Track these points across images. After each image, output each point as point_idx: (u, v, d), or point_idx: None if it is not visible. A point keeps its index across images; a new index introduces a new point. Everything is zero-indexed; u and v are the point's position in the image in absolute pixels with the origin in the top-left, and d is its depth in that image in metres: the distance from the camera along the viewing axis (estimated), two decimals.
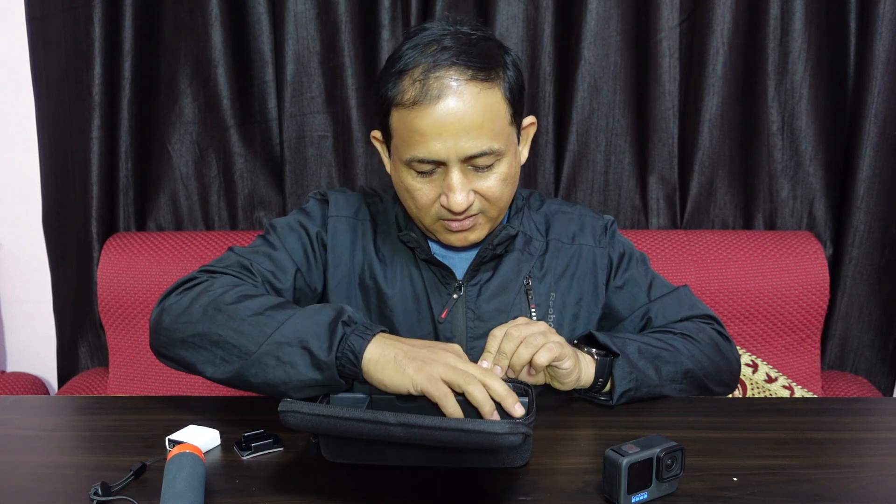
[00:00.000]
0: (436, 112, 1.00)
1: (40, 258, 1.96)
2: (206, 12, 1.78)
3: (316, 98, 1.83)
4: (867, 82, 1.70)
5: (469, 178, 1.05)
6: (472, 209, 1.07)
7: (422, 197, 1.07)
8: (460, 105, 1.00)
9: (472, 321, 1.14)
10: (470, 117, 1.00)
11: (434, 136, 1.01)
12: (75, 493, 0.83)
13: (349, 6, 1.77)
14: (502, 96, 1.04)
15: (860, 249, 1.78)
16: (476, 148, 1.02)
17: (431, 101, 1.00)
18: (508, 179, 1.08)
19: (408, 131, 1.03)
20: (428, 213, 1.08)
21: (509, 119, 1.06)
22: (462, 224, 1.08)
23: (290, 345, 0.91)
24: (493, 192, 1.06)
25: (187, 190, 1.91)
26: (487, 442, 0.74)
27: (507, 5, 1.75)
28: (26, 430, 1.02)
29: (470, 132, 1.01)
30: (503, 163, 1.06)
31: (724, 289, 1.69)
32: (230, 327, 0.95)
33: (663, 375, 1.07)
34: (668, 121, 1.79)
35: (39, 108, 1.88)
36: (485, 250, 1.14)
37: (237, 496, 0.82)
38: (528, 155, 1.91)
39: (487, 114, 1.02)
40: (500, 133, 1.04)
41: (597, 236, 1.22)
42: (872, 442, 0.95)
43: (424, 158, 1.03)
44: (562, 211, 1.25)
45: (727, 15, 1.72)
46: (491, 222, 1.11)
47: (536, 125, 1.18)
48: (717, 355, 1.15)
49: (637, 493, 0.78)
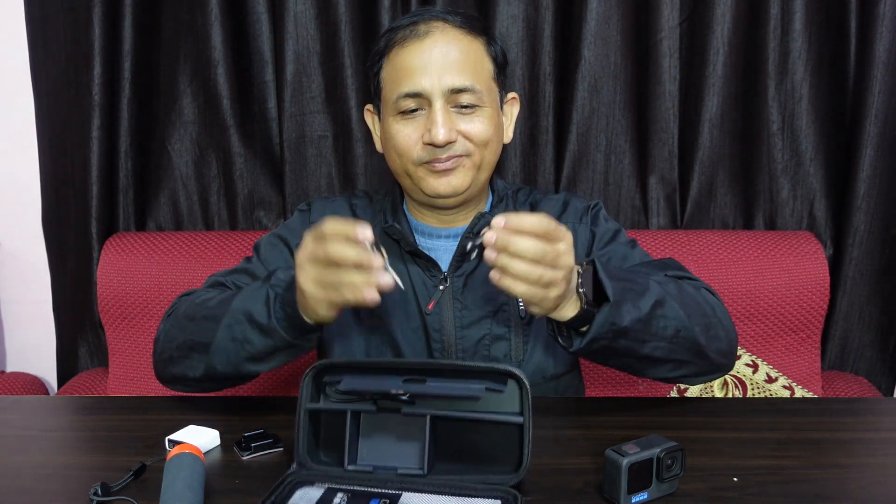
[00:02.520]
0: (422, 47, 1.07)
1: (40, 258, 1.96)
2: (206, 12, 1.78)
3: (316, 98, 1.83)
4: (867, 82, 1.70)
5: (452, 118, 1.08)
6: (455, 148, 1.08)
7: (404, 139, 1.09)
8: (446, 41, 1.08)
9: (460, 311, 1.14)
10: (454, 53, 1.08)
11: (420, 69, 1.07)
12: (75, 493, 0.83)
13: (349, 6, 1.77)
14: (486, 51, 1.12)
15: (860, 249, 1.78)
16: (459, 82, 1.07)
17: (419, 38, 1.08)
18: (494, 131, 1.11)
19: (395, 70, 1.09)
20: (410, 156, 1.10)
21: (492, 73, 1.12)
22: (444, 164, 1.09)
23: (239, 323, 0.97)
24: (478, 134, 1.09)
25: (187, 190, 1.91)
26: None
27: (507, 5, 1.75)
28: (26, 430, 1.02)
29: (454, 67, 1.07)
30: (486, 110, 1.10)
31: (724, 289, 1.69)
32: (194, 328, 1.03)
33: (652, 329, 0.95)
34: (668, 121, 1.79)
35: (39, 108, 1.88)
36: (466, 238, 1.14)
37: (237, 496, 0.82)
38: (528, 155, 1.90)
39: (471, 56, 1.09)
40: (482, 78, 1.10)
41: (579, 215, 1.22)
42: (872, 442, 0.95)
43: (409, 92, 1.07)
44: (546, 197, 1.25)
45: (727, 15, 1.72)
46: (474, 170, 1.11)
47: (519, 103, 1.21)
48: (714, 316, 1.02)
49: (637, 493, 0.78)
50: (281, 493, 0.80)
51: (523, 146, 1.83)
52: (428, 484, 0.82)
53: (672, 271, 1.10)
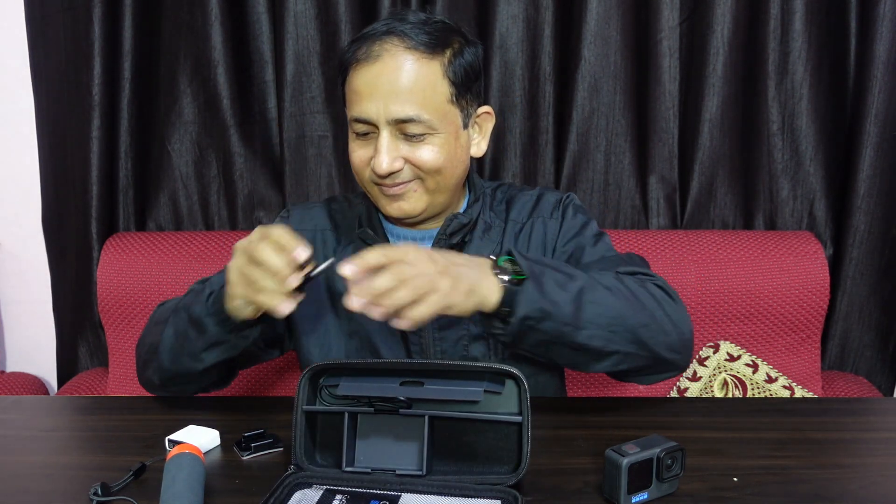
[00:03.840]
0: (371, 72, 1.04)
1: (40, 258, 1.96)
2: (206, 12, 1.78)
3: (316, 98, 1.83)
4: (867, 82, 1.70)
5: (398, 145, 1.06)
6: (401, 176, 1.07)
7: (357, 159, 1.10)
8: (394, 68, 1.04)
9: None
10: (401, 81, 1.04)
11: (367, 95, 1.05)
12: (75, 493, 0.83)
13: (349, 6, 1.77)
14: (442, 72, 1.06)
15: (860, 249, 1.78)
16: (403, 112, 1.04)
17: (370, 62, 1.04)
18: (446, 157, 1.08)
19: (350, 91, 1.08)
20: (363, 176, 1.11)
21: (448, 97, 1.07)
22: (392, 190, 1.09)
23: (181, 321, 1.02)
24: (425, 163, 1.06)
25: (187, 190, 1.91)
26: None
27: (507, 5, 1.75)
28: (26, 430, 1.02)
29: (400, 96, 1.03)
30: (438, 137, 1.07)
31: (724, 289, 1.69)
32: (153, 332, 1.08)
33: (583, 316, 0.95)
34: (668, 121, 1.79)
35: (39, 108, 1.88)
36: (439, 241, 1.14)
37: (237, 496, 0.82)
38: (528, 155, 1.90)
39: (420, 83, 1.04)
40: (433, 106, 1.05)
41: (550, 209, 1.21)
42: (872, 442, 0.95)
43: (358, 117, 1.06)
44: (522, 193, 1.24)
45: (727, 15, 1.72)
46: (429, 195, 1.10)
47: (493, 116, 1.18)
48: (658, 310, 1.01)
49: (637, 493, 0.78)
50: (279, 495, 0.80)
51: (523, 146, 1.82)
52: (427, 484, 0.82)
53: (625, 267, 1.08)
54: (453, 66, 1.07)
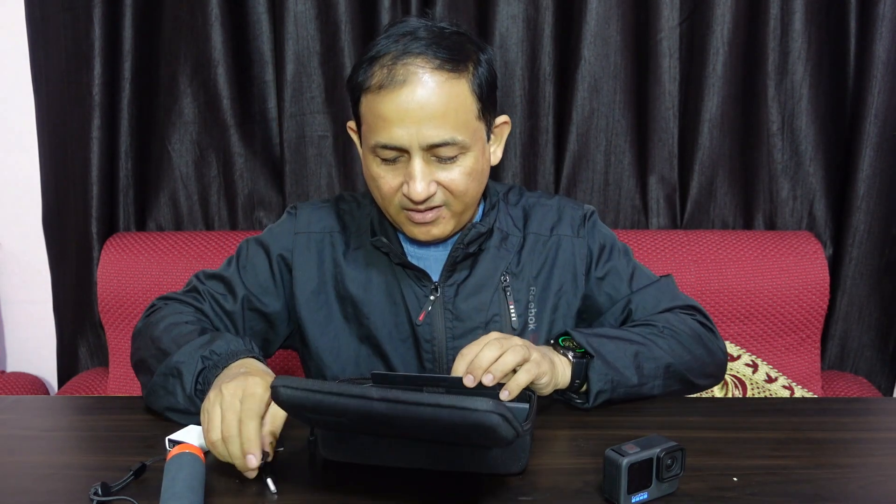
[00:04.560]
0: (400, 97, 1.00)
1: (40, 258, 1.96)
2: (206, 12, 1.78)
3: (316, 98, 1.83)
4: (867, 82, 1.70)
5: (431, 169, 1.04)
6: (433, 200, 1.06)
7: (385, 185, 1.07)
8: (424, 92, 1.00)
9: (451, 321, 1.13)
10: (433, 105, 1.01)
11: (397, 121, 1.01)
12: (75, 493, 0.83)
13: (349, 6, 1.77)
14: (469, 89, 1.04)
15: (860, 249, 1.78)
16: (438, 137, 1.01)
17: (396, 87, 1.00)
18: (474, 175, 1.07)
19: (373, 117, 1.04)
20: (391, 202, 1.08)
21: (476, 113, 1.05)
22: (424, 216, 1.07)
23: (172, 376, 0.99)
24: (457, 186, 1.05)
25: (187, 190, 1.91)
26: (467, 418, 0.71)
27: (507, 5, 1.75)
28: (26, 430, 1.02)
29: (433, 120, 1.01)
30: (468, 157, 1.05)
31: (724, 289, 1.69)
32: (149, 355, 1.05)
33: (644, 373, 1.06)
34: (668, 121, 1.79)
35: (39, 108, 1.88)
36: (456, 250, 1.13)
37: (237, 496, 0.82)
38: (528, 155, 1.91)
39: (451, 104, 1.02)
40: (464, 125, 1.04)
41: (575, 226, 1.20)
42: (872, 442, 0.95)
43: (387, 144, 1.03)
44: (540, 203, 1.23)
45: (727, 15, 1.72)
46: (456, 218, 1.10)
47: (510, 125, 1.17)
48: (699, 347, 1.13)
49: (637, 493, 0.78)
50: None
51: (523, 146, 1.83)
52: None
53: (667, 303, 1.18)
54: (477, 79, 1.05)
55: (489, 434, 0.72)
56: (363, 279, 1.15)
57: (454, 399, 0.72)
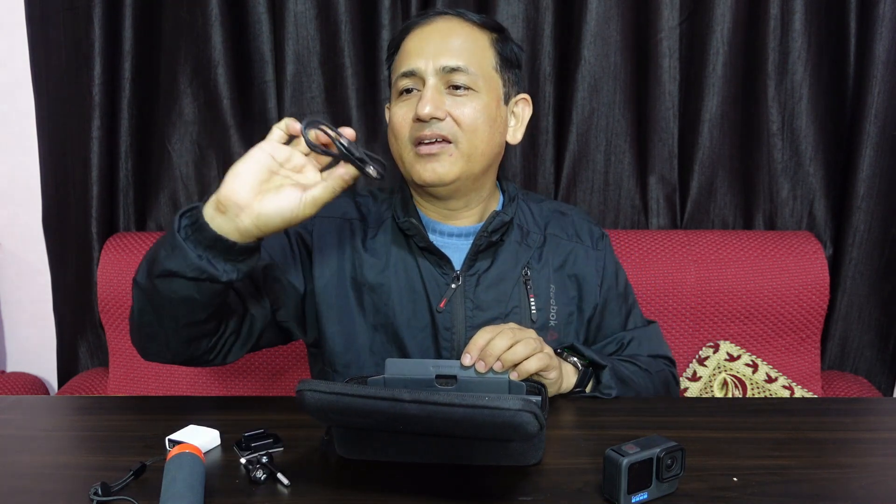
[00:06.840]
0: (423, 31, 1.13)
1: (40, 258, 1.96)
2: (206, 12, 1.77)
3: (316, 98, 1.83)
4: (867, 82, 1.70)
5: (443, 98, 1.09)
6: (441, 126, 1.08)
7: (399, 119, 1.11)
8: (446, 27, 1.12)
9: (471, 310, 1.14)
10: (452, 38, 1.11)
11: (418, 50, 1.11)
12: (75, 493, 0.83)
13: (349, 6, 1.77)
14: (490, 44, 1.14)
15: (860, 249, 1.78)
16: (453, 62, 1.09)
17: (423, 24, 1.14)
18: (486, 119, 1.11)
19: (400, 56, 1.14)
20: (403, 136, 1.11)
21: (493, 65, 1.14)
22: (430, 148, 1.09)
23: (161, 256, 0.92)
24: (466, 119, 1.09)
25: (187, 190, 1.91)
26: (498, 417, 0.74)
27: (507, 5, 1.75)
28: (26, 430, 1.02)
29: (450, 49, 1.10)
30: (481, 97, 1.11)
31: (724, 289, 1.69)
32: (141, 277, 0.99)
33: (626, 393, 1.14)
34: (668, 121, 1.79)
35: (39, 108, 1.88)
36: (480, 238, 1.15)
37: (237, 496, 0.82)
38: (528, 155, 1.90)
39: (469, 44, 1.11)
40: (479, 64, 1.11)
41: (594, 239, 1.26)
42: (872, 442, 0.96)
43: (405, 71, 1.10)
44: (560, 211, 1.28)
45: (727, 15, 1.72)
46: (464, 161, 1.10)
47: (531, 107, 1.23)
48: (665, 394, 1.22)
49: (637, 493, 0.78)
50: None
51: (523, 146, 1.82)
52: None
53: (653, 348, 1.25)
54: (500, 43, 1.15)
55: (517, 430, 0.75)
56: (383, 266, 1.16)
57: (486, 399, 0.75)
